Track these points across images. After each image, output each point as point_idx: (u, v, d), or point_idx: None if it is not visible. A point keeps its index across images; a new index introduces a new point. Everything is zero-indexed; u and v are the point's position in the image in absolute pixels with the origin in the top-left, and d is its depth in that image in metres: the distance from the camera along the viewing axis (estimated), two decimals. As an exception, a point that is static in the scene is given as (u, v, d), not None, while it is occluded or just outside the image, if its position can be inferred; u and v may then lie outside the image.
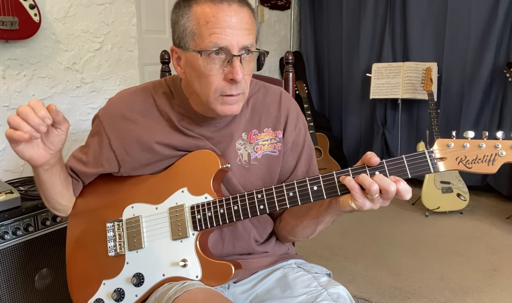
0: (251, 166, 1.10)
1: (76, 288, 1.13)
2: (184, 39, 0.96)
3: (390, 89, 3.65)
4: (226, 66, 0.94)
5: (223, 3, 0.93)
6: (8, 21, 1.95)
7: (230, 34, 0.92)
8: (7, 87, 2.12)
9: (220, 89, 0.96)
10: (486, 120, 3.52)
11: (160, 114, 1.09)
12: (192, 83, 1.00)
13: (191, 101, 1.06)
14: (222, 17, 0.92)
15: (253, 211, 0.97)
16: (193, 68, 0.97)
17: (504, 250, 2.67)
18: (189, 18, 0.95)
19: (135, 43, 2.69)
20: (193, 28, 0.94)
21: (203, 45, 0.93)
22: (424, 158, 0.88)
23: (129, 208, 1.08)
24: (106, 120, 1.10)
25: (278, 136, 1.12)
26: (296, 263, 1.17)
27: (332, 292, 1.01)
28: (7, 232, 1.48)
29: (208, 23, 0.92)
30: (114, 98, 1.15)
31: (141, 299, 1.04)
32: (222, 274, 1.00)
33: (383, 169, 0.89)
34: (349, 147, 4.23)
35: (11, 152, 2.11)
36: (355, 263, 2.52)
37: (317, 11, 4.31)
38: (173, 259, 1.02)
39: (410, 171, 0.88)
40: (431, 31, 3.62)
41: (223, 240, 1.10)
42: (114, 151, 1.08)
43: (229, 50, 0.93)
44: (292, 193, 0.94)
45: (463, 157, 0.89)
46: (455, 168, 0.88)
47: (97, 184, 1.15)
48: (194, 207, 1.01)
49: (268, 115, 1.12)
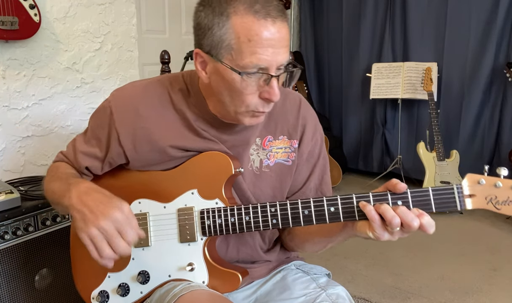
0: (262, 173, 1.06)
1: (80, 278, 1.12)
2: (218, 50, 0.89)
3: (390, 89, 3.65)
4: (263, 85, 0.90)
5: (267, 19, 0.85)
6: (8, 21, 1.95)
7: (272, 54, 0.86)
8: (7, 87, 2.12)
9: (253, 106, 0.92)
10: (486, 120, 3.51)
11: (176, 112, 1.03)
12: (219, 93, 0.95)
13: (209, 103, 1.01)
14: (265, 36, 0.85)
15: (265, 225, 0.94)
16: (224, 80, 0.91)
17: (504, 250, 2.67)
18: (227, 30, 0.87)
19: (135, 43, 2.69)
20: (231, 43, 0.87)
21: (242, 63, 0.87)
22: (452, 193, 0.84)
23: (136, 203, 1.05)
24: (117, 113, 1.04)
25: (293, 146, 1.08)
26: (295, 265, 1.16)
27: (331, 293, 1.01)
28: (7, 232, 1.48)
29: (250, 42, 0.85)
30: (126, 89, 1.08)
31: (146, 296, 1.03)
32: (229, 283, 0.98)
33: (406, 199, 0.85)
34: (349, 147, 4.24)
35: (11, 152, 2.11)
36: (355, 263, 2.52)
37: (317, 11, 4.31)
38: (180, 262, 1.00)
39: (435, 206, 0.84)
40: (431, 31, 3.61)
41: (228, 245, 1.08)
42: (123, 147, 1.03)
43: (268, 70, 0.88)
44: (307, 212, 0.91)
45: (494, 197, 0.82)
46: (483, 207, 0.83)
47: (104, 175, 1.12)
48: (203, 212, 0.99)
49: (285, 123, 1.08)
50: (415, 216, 0.82)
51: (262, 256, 1.12)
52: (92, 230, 0.87)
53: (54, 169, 1.11)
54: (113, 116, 1.04)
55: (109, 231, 0.87)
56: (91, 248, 0.88)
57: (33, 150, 2.24)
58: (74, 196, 0.93)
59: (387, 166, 3.91)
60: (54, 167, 1.12)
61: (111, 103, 1.05)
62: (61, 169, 1.09)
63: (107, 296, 1.06)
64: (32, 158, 2.23)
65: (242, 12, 0.86)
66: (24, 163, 2.20)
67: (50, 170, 1.13)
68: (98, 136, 1.07)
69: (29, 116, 2.22)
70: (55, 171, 1.09)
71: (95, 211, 0.88)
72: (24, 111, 2.19)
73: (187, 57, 2.18)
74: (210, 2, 0.90)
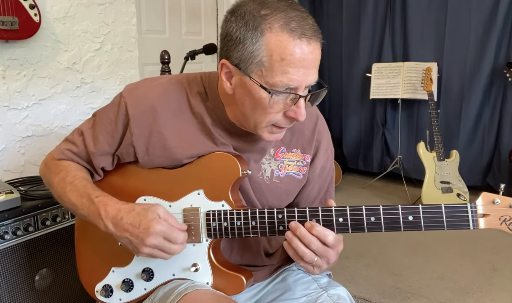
0: (272, 183, 1.05)
1: (85, 271, 1.12)
2: (248, 65, 0.86)
3: (390, 89, 3.65)
4: (290, 104, 0.89)
5: (302, 39, 0.83)
6: (8, 21, 1.95)
7: (303, 75, 0.85)
8: (7, 87, 2.11)
9: (274, 121, 0.91)
10: (486, 120, 3.52)
11: (194, 115, 1.01)
12: (242, 105, 0.93)
13: (228, 110, 0.99)
14: (299, 57, 0.83)
15: (271, 231, 0.93)
16: (250, 95, 0.89)
17: (504, 250, 2.67)
18: (260, 46, 0.84)
19: (135, 43, 2.69)
20: (263, 60, 0.84)
21: (272, 82, 0.85)
22: (465, 212, 0.82)
23: (141, 199, 1.03)
24: (133, 112, 1.00)
25: (306, 160, 1.08)
26: (296, 265, 1.16)
27: (332, 294, 1.01)
28: (7, 232, 1.48)
29: (283, 61, 0.83)
30: (143, 86, 1.03)
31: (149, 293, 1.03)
32: (233, 286, 0.98)
33: (418, 215, 0.85)
34: (349, 147, 4.24)
35: (11, 152, 2.11)
36: (355, 263, 2.52)
37: (317, 11, 4.30)
38: (184, 263, 1.00)
39: (447, 223, 0.83)
40: (431, 31, 3.62)
41: (232, 249, 1.07)
42: (135, 147, 1.01)
43: (297, 90, 0.87)
44: (315, 221, 0.90)
45: (508, 218, 0.81)
46: (497, 227, 0.82)
47: (110, 171, 1.11)
48: (209, 214, 0.98)
49: (300, 136, 1.07)
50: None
51: (265, 260, 1.12)
52: (144, 250, 0.92)
53: (63, 170, 1.07)
54: (129, 115, 1.00)
55: (159, 244, 0.92)
56: (153, 258, 0.95)
57: (33, 150, 2.24)
58: (110, 224, 0.95)
59: (387, 166, 3.91)
60: (63, 168, 1.07)
61: (126, 100, 1.01)
62: (72, 173, 1.06)
63: (111, 291, 1.06)
64: (32, 158, 2.23)
65: (277, 30, 0.83)
66: (24, 163, 2.20)
67: (57, 169, 1.08)
68: (109, 132, 1.03)
69: (29, 116, 2.22)
70: (66, 175, 1.05)
71: (138, 233, 0.91)
72: (24, 111, 2.19)
73: (187, 57, 2.18)
74: (243, 14, 0.87)
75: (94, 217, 0.97)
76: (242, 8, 0.87)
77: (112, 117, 1.03)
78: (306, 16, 0.86)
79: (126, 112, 1.01)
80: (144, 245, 0.91)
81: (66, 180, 1.04)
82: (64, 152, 1.09)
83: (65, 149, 1.09)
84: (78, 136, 1.08)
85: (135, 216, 0.93)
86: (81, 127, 1.09)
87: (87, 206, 0.98)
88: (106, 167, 1.08)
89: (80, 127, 1.09)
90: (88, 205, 0.98)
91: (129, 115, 1.01)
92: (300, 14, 0.86)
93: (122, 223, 0.93)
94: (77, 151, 1.08)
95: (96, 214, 0.97)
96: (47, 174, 1.11)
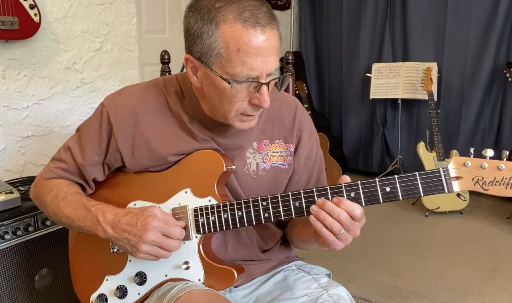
0: (258, 177, 1.07)
1: (79, 282, 1.13)
2: (208, 57, 0.89)
3: (390, 89, 3.65)
4: (254, 92, 0.91)
5: (256, 28, 0.85)
6: (8, 21, 1.95)
7: (262, 63, 0.87)
8: (7, 87, 2.12)
9: (242, 110, 0.94)
10: (486, 120, 3.52)
11: (173, 115, 1.04)
12: (210, 97, 0.96)
13: (203, 105, 1.02)
14: (255, 45, 0.85)
15: (257, 219, 0.96)
16: (215, 86, 0.92)
17: (504, 250, 2.67)
18: (216, 39, 0.86)
19: (135, 43, 2.69)
20: (221, 51, 0.87)
21: (232, 72, 0.87)
22: (439, 177, 0.85)
23: (131, 205, 1.06)
24: (115, 119, 1.04)
25: (289, 150, 1.09)
26: (296, 265, 1.16)
27: (333, 293, 1.01)
28: (7, 232, 1.48)
29: (239, 51, 0.85)
30: (122, 94, 1.07)
31: (143, 297, 1.04)
32: (224, 279, 0.99)
33: (394, 185, 0.87)
34: (349, 147, 4.24)
35: (11, 152, 2.11)
36: (355, 263, 2.52)
37: (317, 11, 4.31)
38: (176, 261, 1.01)
39: (423, 189, 0.85)
40: (431, 31, 3.62)
41: (226, 246, 1.09)
42: (121, 152, 1.04)
43: (258, 78, 0.89)
44: (298, 204, 0.93)
45: (480, 178, 0.83)
46: (471, 188, 0.84)
47: (98, 183, 1.13)
48: (197, 210, 1.00)
49: (281, 127, 1.09)
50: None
51: (260, 256, 1.13)
52: (143, 247, 0.93)
53: (55, 188, 1.08)
54: (111, 122, 1.04)
55: (157, 240, 0.93)
56: (152, 258, 0.96)
57: (33, 150, 2.24)
58: (109, 228, 0.96)
59: (387, 166, 3.91)
60: (54, 186, 1.09)
61: (108, 109, 1.05)
62: (64, 189, 1.07)
63: (105, 299, 1.07)
64: (32, 158, 2.23)
65: (231, 21, 0.85)
66: (24, 163, 2.20)
67: (48, 188, 1.09)
68: (96, 141, 1.06)
69: (29, 116, 2.22)
70: (58, 192, 1.07)
71: (136, 231, 0.93)
72: (24, 111, 2.19)
73: (187, 57, 2.18)
74: (199, 8, 0.89)
75: (92, 225, 0.99)
76: (199, 3, 0.90)
77: (96, 127, 1.06)
78: (260, 5, 0.88)
79: (109, 120, 1.04)
80: (143, 242, 0.92)
81: (59, 197, 1.06)
82: (53, 170, 1.11)
83: (54, 167, 1.11)
84: (65, 152, 1.11)
85: (132, 216, 0.95)
86: (66, 143, 1.12)
87: (84, 216, 1.00)
88: (97, 177, 1.10)
89: (65, 144, 1.12)
90: (84, 215, 1.00)
91: (111, 123, 1.04)
92: (254, 3, 0.87)
93: (120, 225, 0.95)
94: (66, 167, 1.10)
95: (95, 221, 0.98)
96: (39, 195, 1.12)
